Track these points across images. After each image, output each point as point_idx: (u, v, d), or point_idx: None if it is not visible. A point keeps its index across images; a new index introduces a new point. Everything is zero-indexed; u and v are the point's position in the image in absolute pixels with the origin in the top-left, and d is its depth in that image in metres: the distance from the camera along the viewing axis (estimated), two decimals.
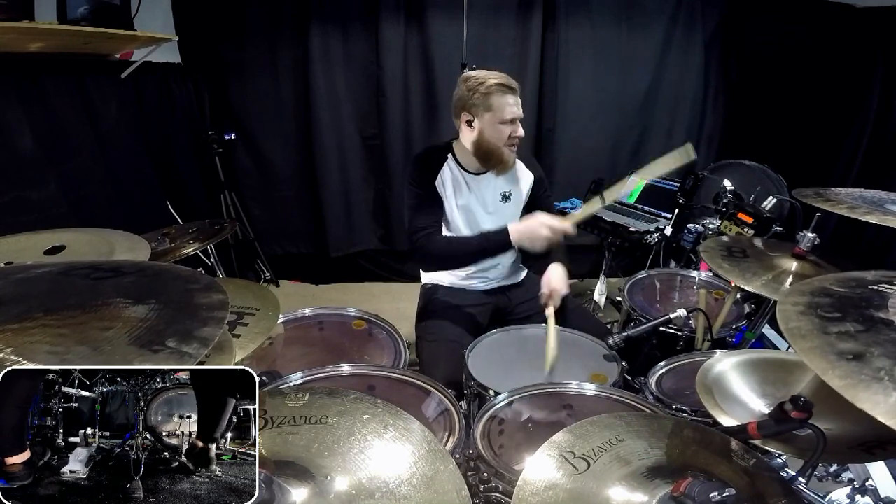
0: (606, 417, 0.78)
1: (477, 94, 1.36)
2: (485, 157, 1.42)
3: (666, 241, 2.25)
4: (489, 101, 1.35)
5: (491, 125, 1.37)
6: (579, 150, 2.99)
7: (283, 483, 0.60)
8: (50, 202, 1.91)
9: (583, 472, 0.67)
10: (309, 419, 0.72)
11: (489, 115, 1.36)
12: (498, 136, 1.38)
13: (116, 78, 2.32)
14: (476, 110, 1.37)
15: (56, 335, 0.52)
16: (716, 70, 2.94)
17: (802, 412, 0.72)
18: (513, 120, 1.37)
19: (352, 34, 2.76)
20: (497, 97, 1.34)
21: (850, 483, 0.95)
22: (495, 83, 1.35)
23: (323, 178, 2.99)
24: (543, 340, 1.33)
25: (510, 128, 1.37)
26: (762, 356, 1.04)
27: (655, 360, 1.28)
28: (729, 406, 0.90)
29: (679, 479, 0.64)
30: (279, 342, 1.33)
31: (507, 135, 1.38)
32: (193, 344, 0.53)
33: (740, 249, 1.30)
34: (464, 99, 1.39)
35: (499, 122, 1.36)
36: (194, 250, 1.84)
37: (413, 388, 1.07)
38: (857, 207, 1.06)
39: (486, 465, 0.87)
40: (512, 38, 2.77)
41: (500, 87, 1.35)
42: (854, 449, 0.76)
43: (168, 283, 0.65)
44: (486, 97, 1.35)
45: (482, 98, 1.35)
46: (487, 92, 1.35)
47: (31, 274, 0.64)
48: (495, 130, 1.37)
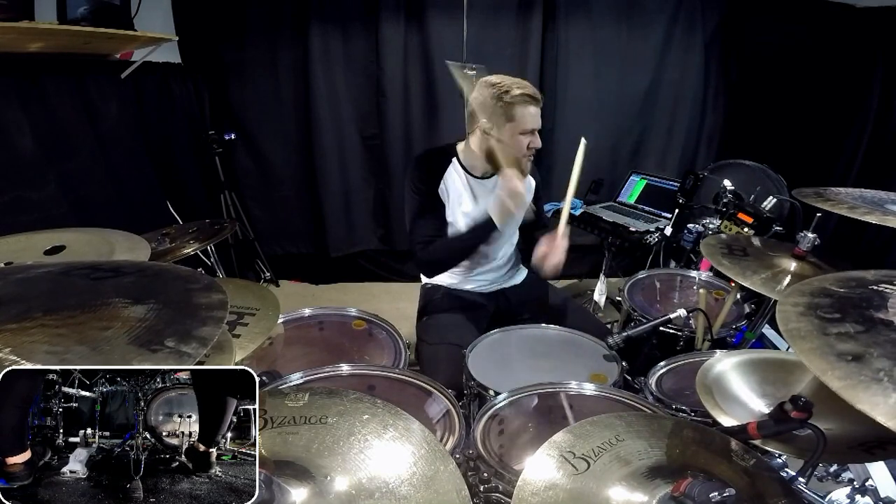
0: (606, 417, 0.78)
1: (500, 103, 1.31)
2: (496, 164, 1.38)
3: (666, 241, 2.24)
4: (512, 111, 1.31)
5: (511, 136, 1.33)
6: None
7: (282, 483, 0.60)
8: (50, 202, 1.91)
9: (583, 472, 0.67)
10: (309, 419, 0.72)
11: (510, 126, 1.32)
12: (517, 148, 1.34)
13: (116, 78, 2.31)
14: (497, 119, 1.33)
15: (55, 335, 0.52)
16: (716, 70, 2.93)
17: (802, 412, 0.72)
18: (532, 131, 1.34)
19: (352, 34, 2.76)
20: (520, 108, 1.30)
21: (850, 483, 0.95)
22: (520, 93, 1.30)
23: (323, 178, 2.98)
24: (543, 341, 1.34)
25: (530, 138, 1.35)
26: (762, 356, 1.04)
27: (655, 360, 1.27)
28: (729, 406, 0.90)
29: (679, 479, 0.64)
30: (279, 342, 1.33)
31: (526, 145, 1.35)
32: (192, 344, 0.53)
33: (740, 248, 1.30)
34: (485, 105, 1.34)
35: (520, 133, 1.33)
36: (194, 250, 1.84)
37: (413, 388, 1.07)
38: (857, 207, 1.05)
39: (486, 465, 0.87)
40: (512, 38, 2.76)
41: (524, 98, 1.30)
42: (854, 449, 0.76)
43: (168, 283, 0.65)
44: (510, 107, 1.30)
45: (505, 108, 1.31)
46: (511, 101, 1.30)
47: (31, 274, 0.64)
48: (515, 141, 1.34)
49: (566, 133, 2.97)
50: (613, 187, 2.76)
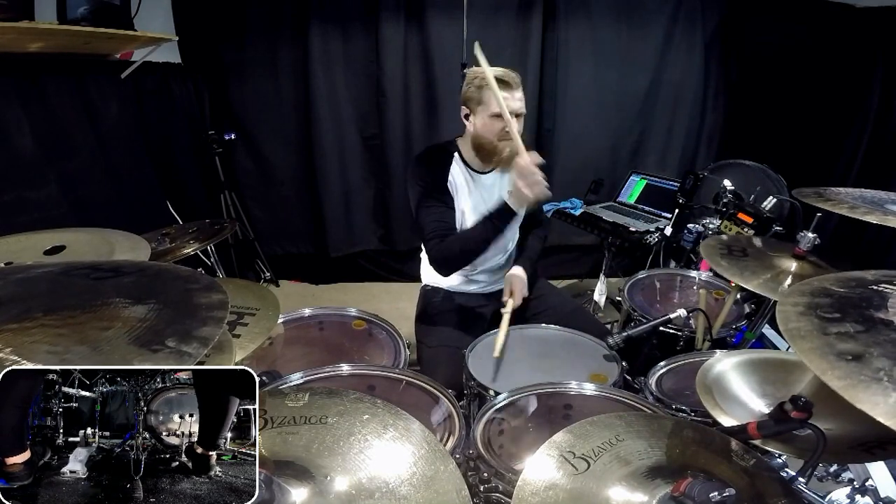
0: (606, 417, 0.78)
1: (472, 88, 1.37)
2: (481, 152, 1.42)
3: (666, 241, 2.24)
4: (481, 95, 1.35)
5: (482, 119, 1.37)
6: (579, 150, 2.98)
7: (282, 483, 0.60)
8: (50, 202, 1.90)
9: (583, 472, 0.67)
10: (309, 419, 0.72)
11: (481, 109, 1.36)
12: (489, 130, 1.37)
13: (116, 78, 2.31)
14: (471, 104, 1.38)
15: (55, 335, 0.52)
16: (716, 70, 2.93)
17: (802, 412, 0.72)
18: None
19: (352, 34, 2.75)
20: (489, 91, 1.31)
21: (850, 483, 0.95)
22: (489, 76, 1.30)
23: (323, 178, 2.98)
24: (543, 341, 1.34)
25: (501, 122, 1.33)
26: (762, 356, 1.04)
27: (655, 361, 1.27)
28: (729, 406, 0.90)
29: (679, 480, 0.64)
30: (279, 342, 1.33)
31: (500, 129, 1.35)
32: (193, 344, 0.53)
33: (740, 248, 1.30)
34: (463, 93, 1.41)
35: (489, 116, 1.35)
36: (194, 250, 1.83)
37: (413, 388, 1.07)
38: (857, 207, 1.05)
39: (486, 465, 0.86)
40: (512, 38, 2.76)
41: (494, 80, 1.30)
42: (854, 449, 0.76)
43: (168, 283, 0.65)
44: (479, 90, 1.35)
45: (476, 92, 1.36)
46: (480, 85, 1.35)
47: (31, 274, 0.64)
48: (486, 124, 1.37)
49: (566, 133, 2.97)
50: (613, 187, 2.76)
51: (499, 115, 1.33)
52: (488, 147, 1.39)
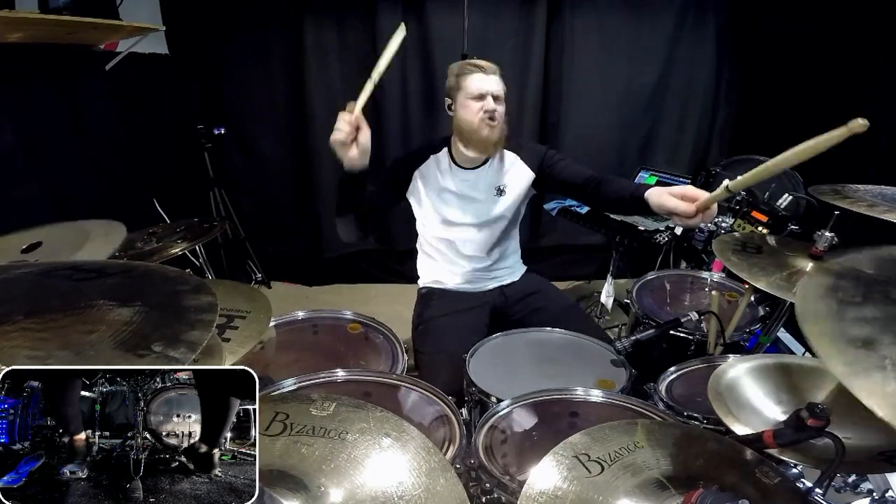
0: (619, 423, 0.76)
1: (452, 78, 1.45)
2: (467, 140, 1.46)
3: (676, 241, 2.20)
4: (459, 82, 1.43)
5: (462, 103, 1.43)
6: (585, 145, 2.91)
7: (273, 494, 0.58)
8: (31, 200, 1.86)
9: (589, 480, 0.65)
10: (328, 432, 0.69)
11: (461, 94, 1.43)
12: (469, 111, 1.42)
13: (101, 69, 2.25)
14: (452, 93, 1.45)
15: (37, 339, 0.51)
16: (728, 62, 2.87)
17: (820, 420, 0.71)
18: (482, 95, 1.40)
19: (348, 24, 2.70)
20: (467, 76, 1.41)
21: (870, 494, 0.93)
22: (464, 63, 1.45)
23: (317, 175, 2.92)
24: (547, 345, 1.30)
25: (480, 103, 1.40)
26: (778, 361, 1.01)
27: (665, 366, 1.23)
28: (743, 414, 0.87)
29: (690, 490, 0.62)
30: (271, 346, 1.31)
31: (478, 109, 1.41)
32: (180, 348, 0.53)
33: (754, 245, 1.27)
34: (446, 87, 1.49)
35: (468, 99, 1.42)
36: (182, 250, 1.79)
37: (412, 395, 1.04)
38: (876, 205, 1.02)
39: (488, 475, 0.84)
40: (515, 29, 2.70)
41: (470, 67, 1.43)
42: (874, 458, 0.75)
43: (155, 284, 0.64)
44: (458, 78, 1.43)
45: (455, 80, 1.44)
46: (459, 73, 1.44)
47: (10, 275, 0.63)
48: (466, 106, 1.43)
49: (572, 127, 2.92)
50: None
51: (477, 97, 1.40)
52: (469, 130, 1.43)
